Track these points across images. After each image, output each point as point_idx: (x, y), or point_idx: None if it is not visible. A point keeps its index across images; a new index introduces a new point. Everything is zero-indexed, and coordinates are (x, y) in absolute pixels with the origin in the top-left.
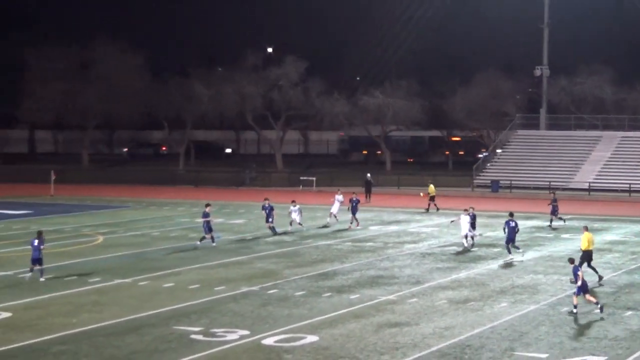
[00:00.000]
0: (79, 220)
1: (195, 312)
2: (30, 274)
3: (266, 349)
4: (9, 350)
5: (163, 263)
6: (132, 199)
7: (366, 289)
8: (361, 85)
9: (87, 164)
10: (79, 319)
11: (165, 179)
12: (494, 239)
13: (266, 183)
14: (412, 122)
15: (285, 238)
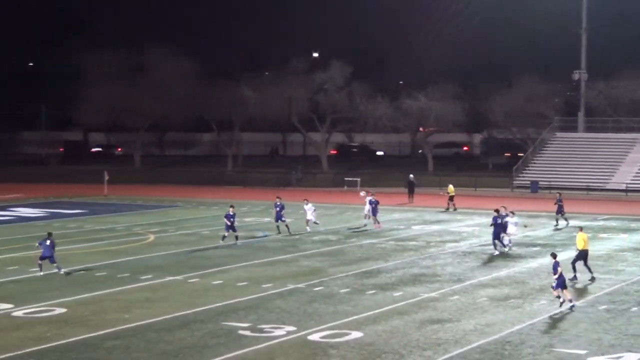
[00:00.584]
0: (131, 220)
1: (244, 309)
2: (41, 271)
3: (312, 345)
4: (65, 345)
5: (212, 261)
6: (182, 198)
7: (409, 287)
8: (404, 89)
9: (139, 165)
10: (131, 314)
11: (214, 180)
12: (533, 238)
13: (311, 184)
14: (453, 124)
15: (330, 237)
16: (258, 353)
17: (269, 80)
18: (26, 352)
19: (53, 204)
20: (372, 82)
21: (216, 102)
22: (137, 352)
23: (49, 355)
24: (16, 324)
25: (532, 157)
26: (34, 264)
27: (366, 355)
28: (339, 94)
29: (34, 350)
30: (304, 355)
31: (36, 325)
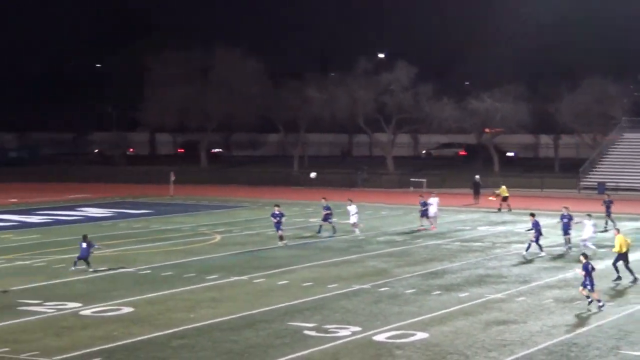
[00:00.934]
0: (197, 220)
1: (309, 309)
2: (74, 267)
3: (377, 345)
4: (132, 344)
5: (277, 261)
6: (248, 199)
7: (475, 288)
8: (470, 90)
9: (206, 165)
10: (197, 314)
11: (280, 180)
12: (600, 239)
13: (377, 184)
14: (518, 125)
15: (395, 238)
16: (323, 353)
17: (335, 81)
18: (94, 351)
19: (119, 204)
20: (438, 83)
21: (283, 103)
22: (202, 351)
23: (116, 353)
24: (84, 322)
25: (599, 159)
26: (102, 264)
27: (431, 356)
28: (404, 94)
29: (102, 349)
30: (369, 356)
31: (104, 324)
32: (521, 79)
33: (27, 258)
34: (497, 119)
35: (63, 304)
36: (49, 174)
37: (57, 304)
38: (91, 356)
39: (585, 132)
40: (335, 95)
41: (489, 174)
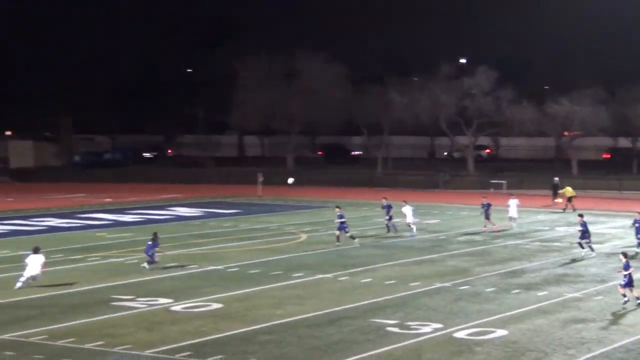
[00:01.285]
0: (284, 219)
1: (391, 306)
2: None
3: (458, 342)
4: (221, 338)
5: (361, 260)
6: (332, 199)
7: (553, 287)
8: (549, 94)
9: (292, 166)
10: (284, 310)
11: (364, 182)
12: None
13: (458, 186)
14: (597, 128)
15: (475, 237)
16: (405, 349)
17: (417, 86)
18: (184, 345)
19: (209, 204)
20: (518, 87)
21: (366, 107)
22: (288, 346)
23: (205, 348)
24: (175, 318)
25: None
26: (193, 261)
27: (510, 353)
28: (485, 99)
29: (191, 343)
30: (450, 352)
31: (194, 319)
32: (601, 83)
33: (120, 255)
34: (576, 122)
35: (154, 299)
36: (140, 174)
37: (149, 300)
38: (181, 350)
39: None
40: (417, 99)
41: (568, 176)
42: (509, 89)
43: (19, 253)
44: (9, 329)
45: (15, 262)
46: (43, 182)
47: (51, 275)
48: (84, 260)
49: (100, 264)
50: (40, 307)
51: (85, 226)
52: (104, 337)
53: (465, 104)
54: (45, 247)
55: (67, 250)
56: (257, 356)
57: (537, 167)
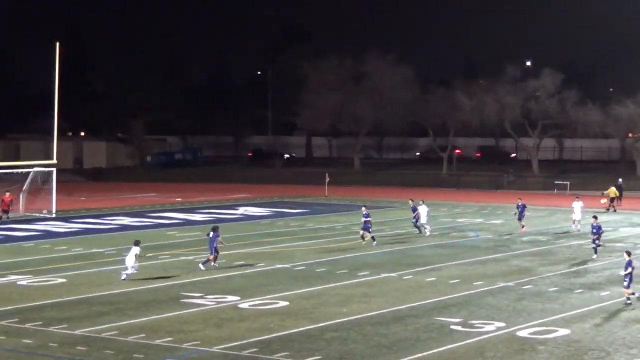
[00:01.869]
0: (350, 219)
1: (455, 305)
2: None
3: (521, 341)
4: (288, 335)
5: (426, 259)
6: (398, 200)
7: (616, 287)
8: (614, 96)
9: (359, 167)
10: (350, 309)
11: (429, 182)
12: None
13: (523, 187)
14: None
15: (540, 238)
16: (469, 348)
17: (483, 88)
18: (252, 342)
19: (277, 204)
20: (583, 89)
21: (432, 109)
22: (354, 344)
23: (272, 345)
24: (242, 315)
25: None
26: (260, 260)
27: (573, 352)
28: (550, 101)
29: (258, 340)
30: (513, 351)
31: (261, 317)
32: None
33: (190, 254)
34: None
35: (223, 297)
36: (210, 174)
37: (218, 297)
38: (248, 347)
39: None
40: (483, 101)
41: (633, 177)
42: (574, 91)
43: (92, 251)
44: (82, 325)
45: (88, 260)
46: (116, 182)
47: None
48: (155, 258)
49: (170, 262)
50: (112, 304)
51: (157, 225)
52: (173, 333)
53: (530, 106)
54: (117, 245)
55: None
56: (323, 354)
57: (602, 168)
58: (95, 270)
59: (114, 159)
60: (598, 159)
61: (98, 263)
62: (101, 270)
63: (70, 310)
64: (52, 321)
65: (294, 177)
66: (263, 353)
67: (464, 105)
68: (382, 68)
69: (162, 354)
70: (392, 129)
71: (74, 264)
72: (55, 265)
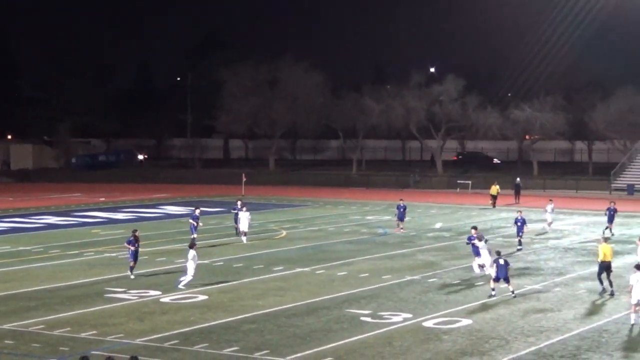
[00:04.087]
0: (266, 217)
1: (365, 297)
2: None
3: (426, 330)
4: (207, 327)
5: (337, 254)
6: (311, 198)
7: (514, 279)
8: (512, 100)
9: (274, 168)
10: (265, 301)
11: (340, 182)
12: (629, 237)
13: (428, 185)
14: (557, 133)
15: (443, 234)
16: (378, 337)
17: (390, 93)
18: (173, 334)
19: (196, 202)
20: (483, 94)
21: (342, 112)
22: (270, 334)
23: (193, 336)
24: (164, 308)
25: (629, 163)
26: (180, 256)
27: (475, 341)
28: (453, 105)
29: (180, 332)
30: (419, 340)
31: (181, 310)
32: (559, 91)
33: (113, 251)
34: (536, 126)
35: (145, 292)
36: (132, 175)
37: (140, 292)
38: (170, 339)
39: (616, 139)
40: (390, 106)
41: (529, 177)
42: (475, 96)
43: (19, 248)
44: (10, 319)
45: (16, 257)
46: (42, 182)
47: (49, 269)
48: (80, 255)
49: (95, 258)
50: (38, 299)
51: (81, 223)
52: (97, 326)
53: (434, 109)
54: (43, 243)
55: (64, 246)
56: (241, 344)
57: (502, 168)
58: (22, 267)
59: (40, 160)
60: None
61: (25, 260)
62: (28, 267)
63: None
64: None
65: (212, 177)
66: (184, 344)
67: (372, 109)
68: (295, 74)
69: (87, 346)
70: (305, 132)
71: (2, 261)
72: None
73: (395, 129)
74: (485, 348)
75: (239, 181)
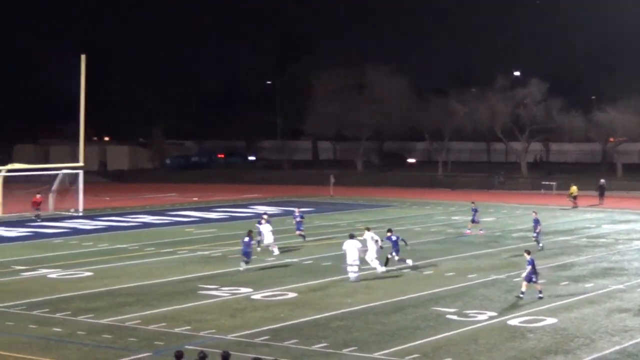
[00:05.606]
0: (353, 217)
1: (451, 296)
2: (244, 265)
3: (511, 329)
4: (296, 324)
5: (423, 254)
6: (397, 199)
7: (599, 279)
8: (596, 103)
9: (361, 169)
10: (354, 299)
11: (426, 183)
12: None
13: (512, 187)
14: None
15: (528, 234)
16: (463, 335)
17: (475, 96)
18: (264, 330)
19: (286, 202)
20: (567, 97)
21: (428, 115)
22: (357, 331)
23: (282, 332)
24: (255, 305)
25: None
26: (270, 255)
27: (559, 339)
28: (537, 107)
29: (270, 328)
30: (504, 338)
31: (272, 307)
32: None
33: (206, 249)
34: (620, 129)
35: (237, 289)
36: (223, 176)
37: (232, 289)
38: (261, 335)
39: None
40: (475, 108)
41: (612, 178)
42: (559, 99)
43: (116, 246)
44: (107, 314)
45: (113, 255)
46: (137, 182)
47: (144, 266)
48: (174, 253)
49: (188, 256)
50: (135, 295)
51: (175, 222)
52: (191, 322)
53: (518, 112)
54: (139, 241)
55: (159, 244)
56: (329, 340)
57: (585, 170)
58: (119, 264)
59: (135, 161)
60: (581, 161)
61: (122, 257)
62: (125, 264)
63: (96, 301)
64: (80, 311)
65: (301, 178)
66: (274, 340)
67: (457, 112)
68: (380, 78)
69: (181, 341)
70: (391, 134)
71: (100, 258)
72: (82, 259)
73: (480, 131)
74: (570, 347)
75: (327, 182)
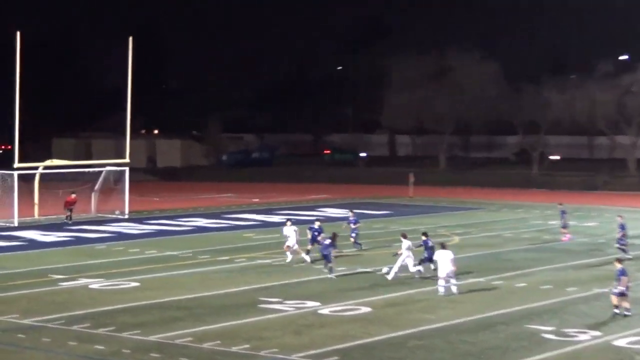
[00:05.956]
0: (435, 221)
1: (547, 312)
2: (331, 274)
3: (617, 350)
4: (369, 343)
5: (515, 263)
6: (485, 201)
7: None
8: None
9: (444, 166)
10: (436, 315)
11: (518, 182)
12: None
13: (618, 187)
14: None
15: (636, 241)
16: (562, 357)
17: (574, 84)
18: (332, 349)
19: (358, 205)
20: None
21: (520, 106)
22: (439, 352)
23: (353, 352)
24: (322, 321)
25: None
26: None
27: None
28: None
29: (338, 348)
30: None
31: (342, 323)
32: None
33: (267, 257)
34: None
35: (302, 302)
36: (287, 174)
37: (297, 303)
38: (329, 355)
39: None
40: (574, 98)
41: None
42: None
43: (166, 253)
44: (155, 331)
45: (162, 263)
46: (190, 181)
47: (197, 275)
48: (231, 261)
49: (247, 265)
50: (186, 309)
51: (233, 227)
52: (250, 340)
53: (625, 101)
54: (192, 248)
55: (214, 251)
56: None
57: None
58: (169, 273)
59: (188, 157)
60: None
61: (172, 266)
62: (175, 273)
63: (144, 315)
64: (125, 326)
65: (377, 176)
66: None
67: (553, 102)
68: (465, 63)
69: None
70: (477, 127)
71: (147, 267)
72: (127, 268)
73: (580, 123)
74: None
75: (405, 181)
